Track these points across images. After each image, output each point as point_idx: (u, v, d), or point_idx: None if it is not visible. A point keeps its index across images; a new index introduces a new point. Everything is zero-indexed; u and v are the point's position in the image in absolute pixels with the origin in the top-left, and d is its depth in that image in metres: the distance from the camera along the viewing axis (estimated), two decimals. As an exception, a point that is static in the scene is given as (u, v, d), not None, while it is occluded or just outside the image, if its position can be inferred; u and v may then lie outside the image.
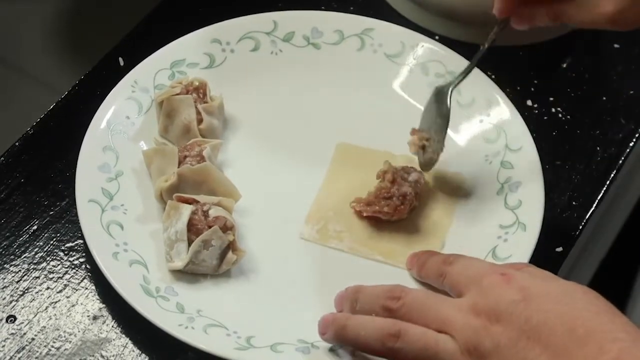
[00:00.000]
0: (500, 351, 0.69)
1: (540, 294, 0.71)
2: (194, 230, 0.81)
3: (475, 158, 0.91)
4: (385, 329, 0.73)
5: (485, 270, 0.74)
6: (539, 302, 0.70)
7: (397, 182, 0.86)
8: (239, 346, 0.78)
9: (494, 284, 0.72)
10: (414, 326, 0.73)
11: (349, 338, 0.75)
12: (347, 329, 0.75)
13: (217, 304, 0.81)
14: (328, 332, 0.76)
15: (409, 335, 0.73)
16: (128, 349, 0.80)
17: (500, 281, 0.72)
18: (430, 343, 0.72)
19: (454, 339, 0.71)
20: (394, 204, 0.85)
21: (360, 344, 0.75)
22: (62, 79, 1.84)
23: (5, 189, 0.88)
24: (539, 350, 0.68)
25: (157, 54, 0.94)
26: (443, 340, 0.72)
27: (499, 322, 0.70)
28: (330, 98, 0.95)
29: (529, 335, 0.68)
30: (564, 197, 0.91)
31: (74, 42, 1.98)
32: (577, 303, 0.70)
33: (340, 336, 0.75)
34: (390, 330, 0.73)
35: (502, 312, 0.70)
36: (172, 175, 0.85)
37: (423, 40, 0.97)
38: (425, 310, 0.73)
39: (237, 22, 0.97)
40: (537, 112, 0.96)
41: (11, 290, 0.82)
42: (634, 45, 1.03)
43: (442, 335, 0.72)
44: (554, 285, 0.72)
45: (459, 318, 0.72)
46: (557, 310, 0.69)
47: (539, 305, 0.70)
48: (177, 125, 0.89)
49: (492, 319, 0.70)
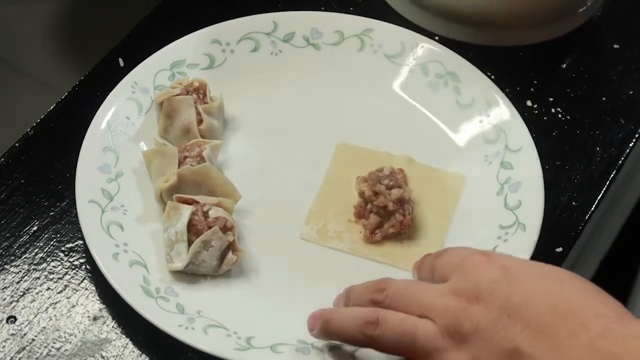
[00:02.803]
0: (481, 331, 0.68)
1: (521, 273, 0.70)
2: (194, 230, 0.81)
3: (475, 158, 0.91)
4: (364, 318, 0.73)
5: (467, 254, 0.73)
6: (520, 281, 0.69)
7: (380, 192, 0.85)
8: (239, 347, 0.78)
9: (475, 264, 0.71)
10: (393, 313, 0.72)
11: (334, 331, 0.75)
12: (331, 323, 0.75)
13: (217, 304, 0.81)
14: (315, 327, 0.76)
15: (387, 322, 0.72)
16: (128, 349, 0.80)
17: (481, 261, 0.71)
18: (409, 328, 0.71)
19: (435, 323, 0.71)
20: (397, 219, 0.85)
21: (344, 335, 0.74)
22: (62, 79, 1.84)
23: (5, 190, 0.88)
24: (519, 328, 0.67)
25: (157, 54, 0.94)
26: (422, 325, 0.71)
27: (479, 302, 0.69)
28: (330, 98, 0.95)
29: (510, 314, 0.68)
30: (564, 197, 0.91)
31: (74, 42, 1.98)
32: (559, 282, 0.69)
33: (326, 330, 0.75)
34: (369, 318, 0.72)
35: (482, 291, 0.69)
36: (172, 176, 0.85)
37: (423, 40, 0.97)
38: (408, 297, 0.73)
39: (237, 23, 0.97)
40: (537, 112, 0.96)
41: (11, 291, 0.82)
42: (634, 45, 1.03)
43: (422, 320, 0.71)
44: (536, 265, 0.72)
45: (439, 302, 0.71)
46: (538, 288, 0.69)
47: (520, 284, 0.69)
48: (177, 126, 0.89)
49: (473, 300, 0.69)
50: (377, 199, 0.85)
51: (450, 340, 0.70)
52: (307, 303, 0.82)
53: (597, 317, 0.66)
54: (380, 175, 0.86)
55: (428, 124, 0.94)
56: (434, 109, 0.94)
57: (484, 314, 0.69)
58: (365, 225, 0.86)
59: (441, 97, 0.94)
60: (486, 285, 0.70)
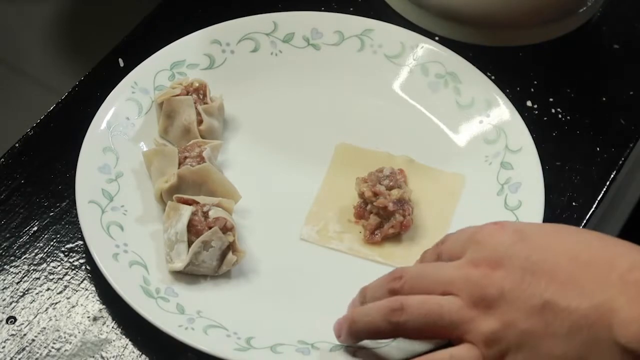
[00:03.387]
0: (507, 294, 0.68)
1: (536, 233, 0.70)
2: (194, 231, 0.81)
3: (475, 159, 0.91)
4: (387, 307, 0.72)
5: (476, 228, 0.73)
6: (537, 240, 0.69)
7: (380, 193, 0.85)
8: (239, 347, 0.78)
9: (488, 233, 0.71)
10: (415, 296, 0.72)
11: (361, 329, 0.74)
12: (356, 322, 0.74)
13: (217, 305, 0.81)
14: (342, 332, 0.75)
15: (411, 306, 0.71)
16: (128, 349, 0.80)
17: (493, 229, 0.71)
18: (434, 308, 0.71)
19: (458, 297, 0.70)
20: (397, 220, 0.85)
21: (371, 331, 0.74)
22: (62, 80, 1.84)
23: (5, 190, 0.88)
24: (545, 282, 0.67)
25: (157, 55, 0.94)
26: (447, 301, 0.70)
27: (500, 266, 0.69)
28: (330, 99, 0.95)
29: (533, 272, 0.67)
30: (564, 197, 0.91)
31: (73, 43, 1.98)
32: (575, 235, 0.69)
33: (353, 331, 0.74)
34: (393, 306, 0.72)
35: (501, 257, 0.69)
36: (172, 176, 0.85)
37: (423, 41, 0.97)
38: (426, 279, 0.72)
39: (237, 23, 0.97)
40: (537, 112, 0.96)
41: (11, 292, 0.82)
42: (634, 45, 1.03)
43: (445, 297, 0.71)
44: (549, 225, 0.72)
45: (459, 275, 0.70)
46: (556, 244, 0.68)
47: (538, 243, 0.69)
48: (177, 126, 0.89)
49: (493, 266, 0.69)
50: (377, 200, 0.85)
51: (477, 310, 0.69)
52: (307, 303, 0.82)
53: (622, 256, 0.66)
54: (380, 176, 0.86)
55: (428, 124, 0.94)
56: (434, 110, 0.94)
57: (507, 277, 0.68)
58: (365, 225, 0.86)
59: (441, 97, 0.94)
60: (504, 250, 0.69)
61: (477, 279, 0.69)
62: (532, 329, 0.67)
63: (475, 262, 0.70)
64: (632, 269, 0.65)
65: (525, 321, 0.67)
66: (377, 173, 0.87)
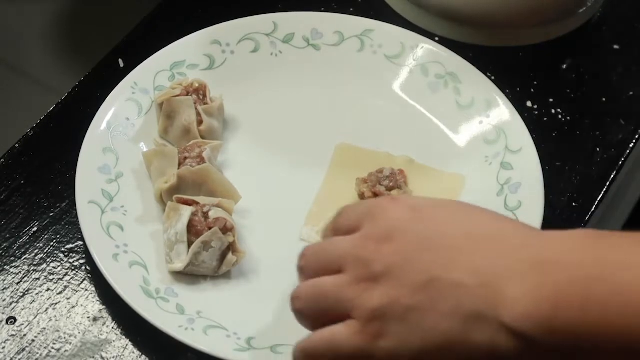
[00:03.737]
0: (394, 271, 0.66)
1: (430, 210, 0.68)
2: (194, 231, 0.81)
3: (475, 159, 0.91)
4: (291, 295, 0.70)
5: (372, 202, 0.71)
6: (431, 216, 0.68)
7: (380, 193, 0.85)
8: (239, 347, 0.78)
9: (383, 208, 0.69)
10: (306, 282, 0.70)
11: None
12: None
13: (217, 305, 0.81)
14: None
15: (302, 291, 0.70)
16: (128, 350, 0.80)
17: (388, 204, 0.69)
18: (320, 289, 0.69)
19: (347, 274, 0.68)
20: None
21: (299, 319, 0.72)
22: (62, 80, 1.84)
23: (5, 191, 0.88)
24: (433, 259, 0.65)
25: (157, 55, 0.94)
26: (333, 280, 0.68)
27: (391, 242, 0.67)
28: (330, 99, 0.95)
29: (423, 248, 0.66)
30: (564, 198, 0.91)
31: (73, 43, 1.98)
32: (469, 213, 0.68)
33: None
34: (293, 294, 0.70)
35: (393, 232, 0.67)
36: (172, 177, 0.85)
37: (423, 41, 0.97)
38: (322, 256, 0.70)
39: (237, 24, 0.97)
40: (537, 113, 0.96)
41: (11, 292, 0.82)
42: (634, 46, 1.03)
43: (333, 276, 0.68)
44: (444, 201, 0.70)
45: (350, 251, 0.68)
46: (448, 220, 0.67)
47: (431, 219, 0.67)
48: (177, 127, 0.89)
49: (384, 241, 0.67)
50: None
51: (363, 286, 0.67)
52: (307, 304, 0.82)
53: (513, 235, 0.66)
54: (380, 176, 0.86)
55: (428, 124, 0.94)
56: (434, 110, 0.94)
57: (396, 253, 0.66)
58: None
59: (441, 97, 0.94)
60: (397, 225, 0.67)
61: (366, 255, 0.67)
62: (417, 304, 0.65)
63: (368, 237, 0.68)
64: (522, 248, 0.64)
65: (411, 297, 0.65)
66: (377, 174, 0.87)
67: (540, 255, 0.64)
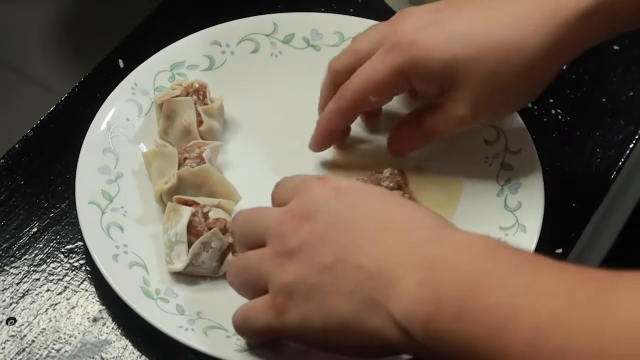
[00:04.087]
0: (306, 248, 0.68)
1: (351, 192, 0.70)
2: (194, 232, 0.81)
3: (475, 159, 0.91)
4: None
5: (303, 178, 0.73)
6: (350, 199, 0.70)
7: None
8: (239, 348, 0.78)
9: (310, 186, 0.71)
10: (237, 256, 0.74)
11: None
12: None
13: (217, 305, 0.81)
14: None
15: (233, 264, 0.75)
16: (128, 350, 0.80)
17: (316, 183, 0.71)
18: (243, 263, 0.72)
19: (269, 246, 0.70)
20: None
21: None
22: (62, 81, 1.85)
23: (5, 191, 0.88)
24: (342, 241, 0.67)
25: (157, 55, 0.94)
26: (255, 253, 0.71)
27: (309, 220, 0.69)
28: (330, 100, 0.95)
29: (336, 229, 0.68)
30: (564, 198, 0.91)
31: (73, 44, 1.99)
32: (386, 200, 0.70)
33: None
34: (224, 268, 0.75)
35: (313, 210, 0.69)
36: (172, 177, 0.85)
37: (423, 41, 0.97)
38: (251, 224, 0.73)
39: (237, 24, 0.97)
40: (537, 113, 0.96)
41: (11, 292, 0.82)
42: (634, 47, 1.03)
43: (256, 250, 0.71)
44: (368, 186, 0.73)
45: (274, 224, 0.71)
46: (366, 205, 0.69)
47: (350, 202, 0.69)
48: (177, 127, 0.89)
49: (304, 218, 0.69)
50: None
51: (279, 261, 0.69)
52: (307, 304, 0.82)
53: (423, 228, 0.67)
54: (380, 177, 0.86)
55: (428, 125, 0.94)
56: (434, 110, 0.94)
57: (311, 232, 0.68)
58: None
59: (441, 98, 0.94)
60: (318, 204, 0.69)
61: (286, 230, 0.69)
62: (321, 283, 0.67)
63: (292, 213, 0.70)
64: (425, 243, 0.65)
65: (316, 276, 0.67)
66: (377, 174, 0.87)
67: (437, 254, 0.65)
